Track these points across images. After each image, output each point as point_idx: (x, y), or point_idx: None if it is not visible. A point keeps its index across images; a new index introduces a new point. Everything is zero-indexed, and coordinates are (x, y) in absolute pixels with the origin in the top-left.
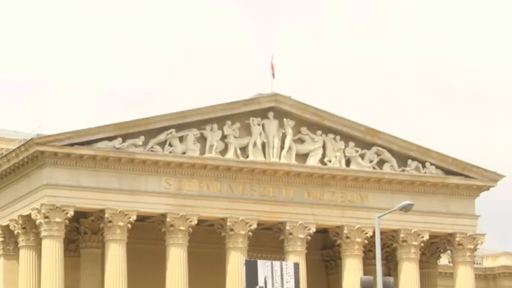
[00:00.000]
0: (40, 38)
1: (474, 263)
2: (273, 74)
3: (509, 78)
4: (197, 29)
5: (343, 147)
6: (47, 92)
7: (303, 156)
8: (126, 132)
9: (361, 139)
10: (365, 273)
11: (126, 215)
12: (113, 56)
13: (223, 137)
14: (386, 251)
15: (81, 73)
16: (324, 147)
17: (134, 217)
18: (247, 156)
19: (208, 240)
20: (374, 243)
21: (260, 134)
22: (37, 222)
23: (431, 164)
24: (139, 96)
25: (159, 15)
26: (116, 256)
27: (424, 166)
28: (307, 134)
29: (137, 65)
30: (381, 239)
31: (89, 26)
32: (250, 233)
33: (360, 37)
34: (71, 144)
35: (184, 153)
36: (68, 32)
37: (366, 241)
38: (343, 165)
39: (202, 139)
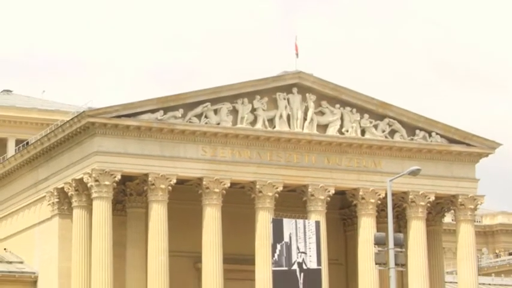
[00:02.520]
0: (90, 25)
1: (474, 221)
2: (297, 54)
3: (508, 57)
4: (230, 14)
5: (358, 118)
6: (97, 70)
7: (323, 127)
8: (167, 105)
9: (374, 111)
10: (378, 230)
11: (167, 178)
12: (154, 40)
13: (253, 110)
14: (397, 210)
15: (126, 54)
16: (341, 118)
17: (174, 180)
18: (274, 127)
19: (239, 201)
20: (386, 203)
21: (285, 107)
22: (88, 185)
23: (437, 133)
24: (177, 74)
25: (195, 1)
26: (158, 215)
27: (430, 135)
28: (326, 107)
29: (175, 47)
30: (392, 200)
31: (132, 13)
32: (277, 195)
33: (374, 21)
34: (119, 116)
35: (218, 124)
36: (114, 19)
37: (379, 202)
38: (359, 135)
39: (234, 111)
